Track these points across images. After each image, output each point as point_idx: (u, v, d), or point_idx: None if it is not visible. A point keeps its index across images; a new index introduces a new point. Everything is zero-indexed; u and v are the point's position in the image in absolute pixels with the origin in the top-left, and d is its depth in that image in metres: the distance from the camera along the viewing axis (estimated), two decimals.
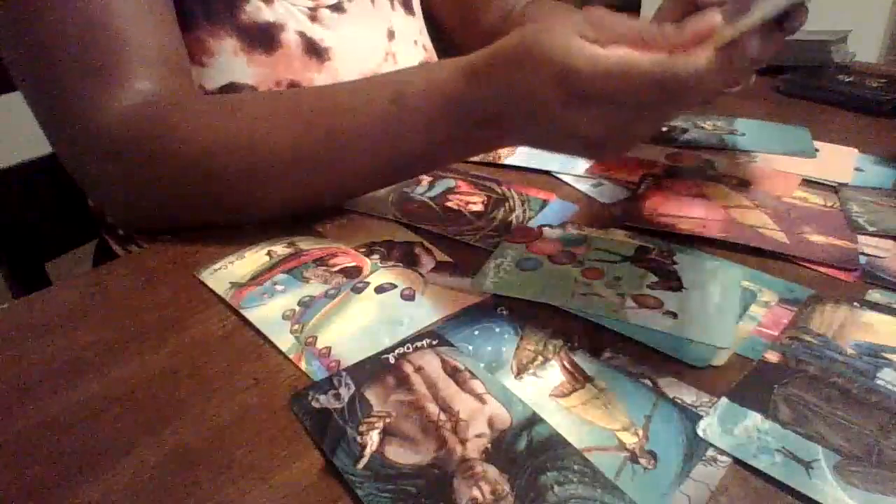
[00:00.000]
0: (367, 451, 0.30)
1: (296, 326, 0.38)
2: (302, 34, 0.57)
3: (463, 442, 0.30)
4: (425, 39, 0.73)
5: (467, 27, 0.82)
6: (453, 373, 0.34)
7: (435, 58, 0.74)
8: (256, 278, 0.42)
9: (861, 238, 0.47)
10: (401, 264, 0.44)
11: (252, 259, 0.44)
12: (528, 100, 0.38)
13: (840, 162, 0.61)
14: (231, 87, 0.55)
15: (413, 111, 0.43)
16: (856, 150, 0.63)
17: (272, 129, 0.45)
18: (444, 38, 0.81)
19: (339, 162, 0.45)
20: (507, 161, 0.60)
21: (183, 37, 0.52)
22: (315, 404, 0.32)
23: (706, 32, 0.35)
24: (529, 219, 0.50)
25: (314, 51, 0.58)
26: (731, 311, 0.39)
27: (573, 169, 0.58)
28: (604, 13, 0.37)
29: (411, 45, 0.69)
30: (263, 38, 0.55)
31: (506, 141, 0.45)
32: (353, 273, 0.43)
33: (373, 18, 0.64)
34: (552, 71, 0.36)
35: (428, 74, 0.44)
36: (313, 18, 0.59)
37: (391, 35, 0.66)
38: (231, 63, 0.54)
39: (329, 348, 0.36)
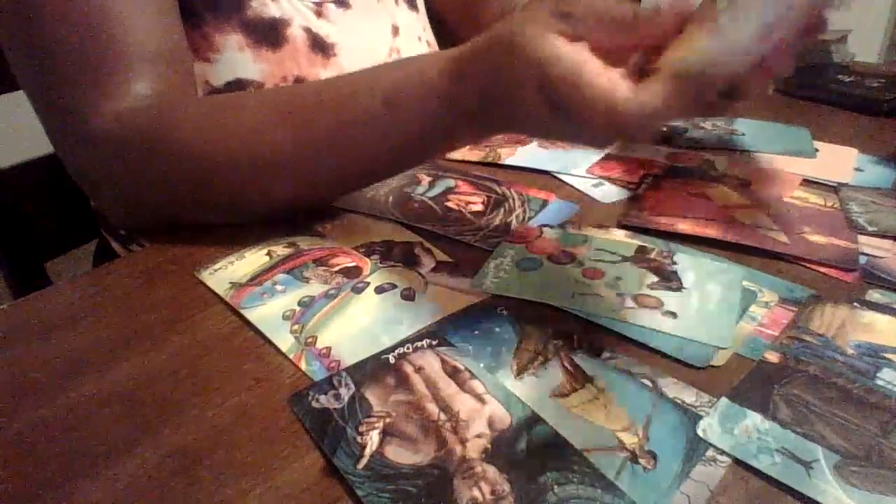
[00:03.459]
0: (367, 451, 0.30)
1: (296, 326, 0.38)
2: (307, 30, 0.58)
3: (463, 442, 0.30)
4: (429, 35, 0.73)
5: (468, 24, 0.82)
6: (453, 373, 0.34)
7: None
8: (256, 278, 0.42)
9: (861, 238, 0.47)
10: (401, 264, 0.44)
11: (252, 259, 0.44)
12: (512, 95, 0.38)
13: (840, 162, 0.61)
14: (237, 83, 0.55)
15: (405, 111, 0.43)
16: (856, 150, 0.63)
17: (271, 126, 0.45)
18: (445, 34, 0.81)
19: (336, 160, 0.45)
20: (507, 161, 0.60)
21: (188, 33, 0.52)
22: (315, 404, 0.32)
23: (682, 16, 0.33)
24: (529, 219, 0.50)
25: (320, 46, 0.58)
26: (731, 311, 0.39)
27: (573, 169, 0.58)
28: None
29: (415, 41, 0.69)
30: (269, 34, 0.56)
31: (494, 133, 0.46)
32: (353, 273, 0.43)
33: (377, 14, 0.64)
34: (533, 76, 0.35)
35: (419, 69, 0.43)
36: (319, 14, 0.59)
37: (396, 31, 0.66)
38: (237, 59, 0.54)
39: (329, 348, 0.36)
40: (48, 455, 0.30)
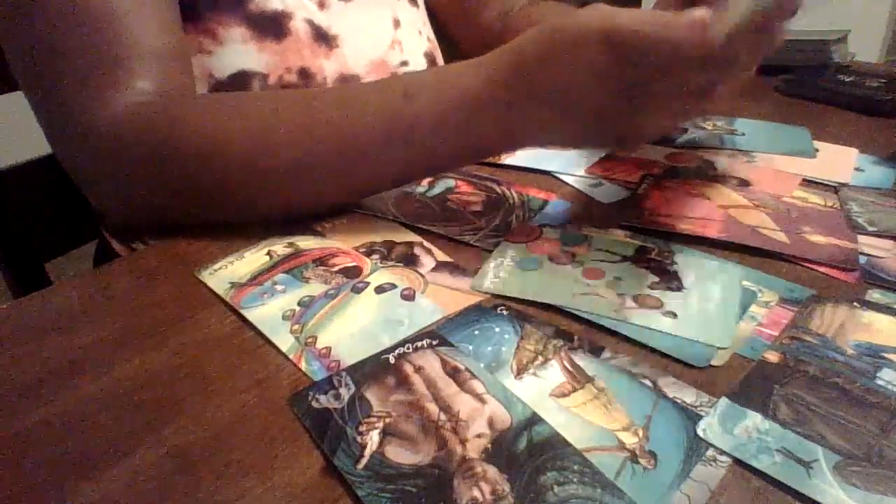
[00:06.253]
0: (367, 451, 0.30)
1: (296, 326, 0.38)
2: (310, 22, 0.58)
3: (463, 442, 0.30)
4: (429, 31, 0.74)
5: (466, 24, 0.82)
6: (453, 373, 0.34)
7: (438, 49, 0.75)
8: (256, 278, 0.42)
9: (861, 238, 0.47)
10: (401, 264, 0.44)
11: (252, 259, 0.44)
12: (570, 79, 0.39)
13: (840, 162, 0.61)
14: (241, 75, 0.55)
15: (425, 106, 0.43)
16: (856, 150, 0.63)
17: (277, 124, 0.45)
18: (442, 33, 0.81)
19: (347, 160, 0.45)
20: (507, 161, 0.60)
21: (191, 26, 0.53)
22: (315, 404, 0.32)
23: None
24: (529, 219, 0.50)
25: (322, 38, 0.59)
26: (731, 311, 0.39)
27: (573, 169, 0.58)
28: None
29: (416, 35, 0.69)
30: (272, 27, 0.56)
31: (519, 140, 0.46)
32: (353, 273, 0.43)
33: (378, 7, 0.65)
34: (597, 38, 0.37)
35: (442, 73, 0.45)
36: (321, 6, 0.60)
37: (397, 23, 0.66)
38: (241, 51, 0.55)
39: (329, 348, 0.36)
40: (48, 455, 0.30)
